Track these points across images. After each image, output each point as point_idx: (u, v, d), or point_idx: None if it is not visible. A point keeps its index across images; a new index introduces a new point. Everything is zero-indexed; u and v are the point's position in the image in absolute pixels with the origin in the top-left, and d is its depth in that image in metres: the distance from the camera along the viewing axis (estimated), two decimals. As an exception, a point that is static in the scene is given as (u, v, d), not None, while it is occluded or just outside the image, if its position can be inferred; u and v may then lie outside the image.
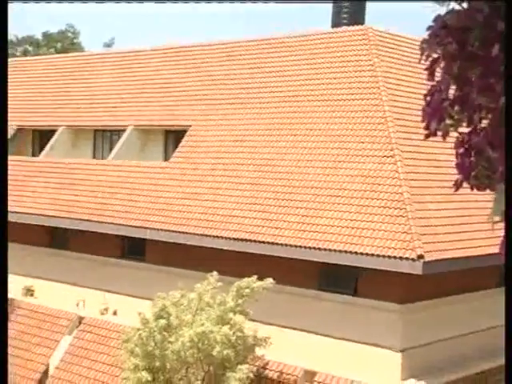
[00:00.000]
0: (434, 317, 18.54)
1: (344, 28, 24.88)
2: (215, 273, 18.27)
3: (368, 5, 26.93)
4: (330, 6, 26.92)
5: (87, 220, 23.59)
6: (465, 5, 2.60)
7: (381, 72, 21.80)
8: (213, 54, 27.54)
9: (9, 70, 35.94)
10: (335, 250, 17.93)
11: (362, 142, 20.11)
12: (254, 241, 19.47)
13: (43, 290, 25.41)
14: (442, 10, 2.69)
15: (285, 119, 22.68)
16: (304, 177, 20.29)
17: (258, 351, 18.16)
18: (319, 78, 23.24)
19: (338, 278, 19.19)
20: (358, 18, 25.91)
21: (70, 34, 70.84)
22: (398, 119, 20.27)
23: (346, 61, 23.03)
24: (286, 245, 18.79)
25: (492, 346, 17.22)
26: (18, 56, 56.03)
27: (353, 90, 21.93)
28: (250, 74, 25.41)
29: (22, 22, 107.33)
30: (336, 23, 25.99)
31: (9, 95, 34.15)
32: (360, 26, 24.58)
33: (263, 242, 19.26)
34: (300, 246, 18.52)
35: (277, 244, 18.99)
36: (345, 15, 26.00)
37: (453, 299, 18.80)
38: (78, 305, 23.96)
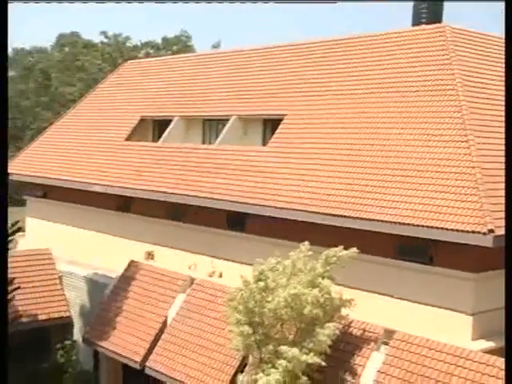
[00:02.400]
0: (502, 285, 17.87)
1: (423, 26, 24.42)
2: (307, 243, 18.16)
3: (445, 4, 26.18)
4: (410, 7, 26.45)
5: (198, 196, 23.89)
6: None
7: (456, 66, 21.22)
8: (305, 52, 27.51)
9: (132, 70, 36.84)
10: (414, 225, 17.64)
11: (439, 129, 19.73)
12: (343, 216, 19.30)
13: (162, 255, 25.96)
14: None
15: (369, 108, 22.33)
16: (387, 159, 20.00)
17: (343, 311, 17.96)
18: (400, 71, 22.86)
19: (416, 249, 18.76)
20: (436, 16, 25.41)
21: (183, 38, 71.85)
22: (472, 108, 19.71)
23: (425, 56, 22.60)
24: (371, 219, 18.58)
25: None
26: (141, 57, 57.06)
27: (430, 82, 21.49)
28: (338, 68, 25.20)
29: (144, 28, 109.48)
30: (416, 22, 25.61)
31: (135, 91, 35.47)
32: (438, 25, 24.11)
33: (351, 217, 19.08)
34: (383, 221, 18.30)
35: (362, 218, 18.80)
36: (424, 14, 25.53)
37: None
38: (190, 268, 24.40)
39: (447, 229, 16.96)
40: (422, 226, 17.47)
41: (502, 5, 11.75)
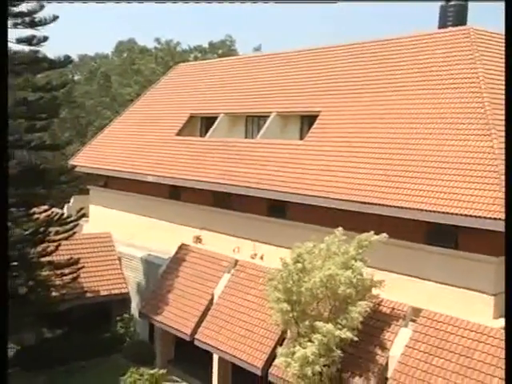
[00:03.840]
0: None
1: (450, 28, 23.88)
2: (340, 228, 18.00)
3: (470, 6, 25.53)
4: (437, 10, 25.88)
5: (242, 186, 23.85)
6: None
7: (480, 65, 20.75)
8: (338, 54, 27.22)
9: (182, 72, 36.90)
10: (441, 212, 17.34)
11: (464, 123, 19.33)
12: (374, 203, 19.05)
13: (209, 239, 26.00)
14: None
15: (399, 105, 21.98)
16: (417, 152, 19.64)
17: (374, 291, 17.75)
18: (429, 71, 22.42)
19: (442, 234, 18.40)
20: (461, 18, 24.85)
21: (228, 43, 71.73)
22: (494, 104, 19.20)
23: (451, 56, 22.18)
24: (400, 207, 18.30)
25: None
26: (190, 61, 57.18)
27: (456, 80, 21.07)
28: (370, 68, 24.81)
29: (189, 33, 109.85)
30: (442, 24, 25.05)
31: (184, 91, 35.53)
32: (463, 26, 23.66)
33: (382, 205, 18.81)
34: (412, 208, 18.01)
35: (392, 206, 18.53)
36: (450, 17, 24.91)
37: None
38: (234, 250, 24.37)
39: (471, 216, 16.65)
40: (448, 213, 17.16)
41: (502, 5, 11.10)
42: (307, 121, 25.20)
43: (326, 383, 17.15)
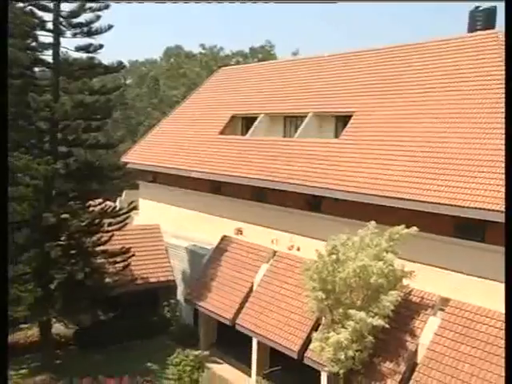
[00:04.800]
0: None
1: (478, 32, 23.40)
2: (373, 222, 17.93)
3: (499, 11, 24.91)
4: (466, 15, 25.35)
5: (280, 181, 23.85)
6: None
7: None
8: (371, 58, 26.93)
9: (225, 75, 37.01)
10: (469, 207, 17.11)
11: (489, 123, 18.99)
12: (405, 199, 18.86)
13: (249, 231, 26.08)
14: None
15: (429, 106, 21.69)
16: (445, 150, 19.35)
17: (405, 281, 17.60)
18: (456, 73, 22.00)
19: (470, 228, 18.10)
20: (490, 22, 24.23)
21: (267, 48, 71.59)
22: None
23: (480, 59, 21.72)
24: (430, 202, 18.08)
25: None
26: (232, 65, 57.30)
27: (483, 82, 20.63)
28: (401, 71, 24.53)
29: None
30: (472, 28, 24.53)
31: (227, 93, 35.56)
32: (491, 30, 23.15)
33: (412, 200, 18.62)
34: (441, 204, 17.78)
35: (423, 201, 18.33)
36: (478, 22, 24.38)
37: None
38: (272, 242, 24.37)
39: (496, 210, 16.34)
40: (475, 208, 16.89)
41: (502, 5, 10.66)
42: (342, 121, 25.04)
43: (358, 367, 17.10)
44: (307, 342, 19.21)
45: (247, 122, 30.39)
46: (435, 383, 15.72)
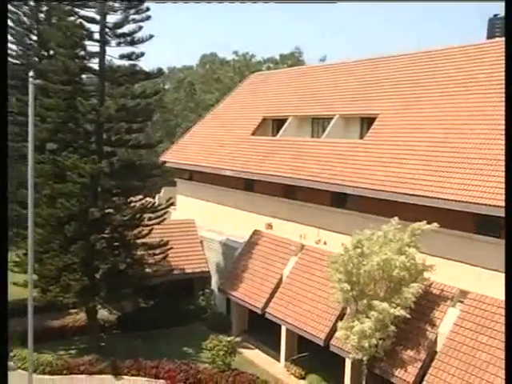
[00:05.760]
0: None
1: (497, 39, 22.99)
2: (396, 218, 17.84)
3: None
4: (485, 22, 24.94)
5: (308, 179, 23.89)
6: None
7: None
8: (395, 63, 26.73)
9: (257, 80, 37.13)
10: (486, 204, 16.86)
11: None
12: (426, 196, 18.72)
13: (278, 226, 26.20)
14: None
15: (449, 109, 21.48)
16: (465, 150, 19.15)
17: (426, 274, 17.48)
18: (475, 78, 21.69)
19: (489, 225, 17.85)
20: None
21: (296, 54, 71.43)
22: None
23: (497, 64, 21.24)
24: (450, 200, 17.90)
25: None
26: (263, 70, 57.36)
27: (502, 86, 20.15)
28: (422, 76, 24.31)
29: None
30: (490, 35, 24.19)
31: (258, 96, 35.67)
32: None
33: (433, 198, 18.45)
34: (460, 201, 17.59)
35: (443, 199, 18.16)
36: (497, 29, 24.01)
37: None
38: (301, 236, 24.44)
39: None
40: (492, 205, 16.64)
41: (502, 5, 10.29)
42: (366, 122, 24.95)
43: (380, 354, 17.09)
44: (333, 330, 19.26)
45: (277, 123, 30.49)
46: (454, 370, 15.64)
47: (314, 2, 52.13)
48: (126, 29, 22.02)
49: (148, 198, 25.77)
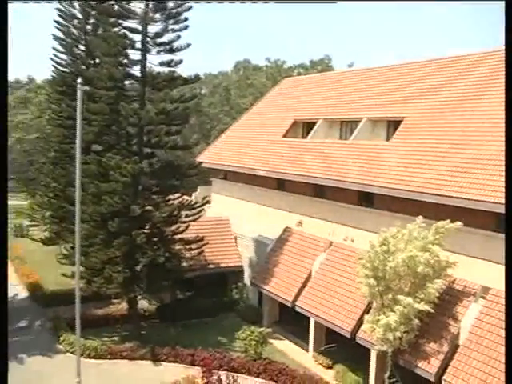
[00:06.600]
0: None
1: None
2: (420, 217, 17.81)
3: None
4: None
5: (337, 179, 23.86)
6: None
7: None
8: (420, 68, 26.42)
9: (288, 85, 37.20)
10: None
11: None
12: (450, 196, 18.53)
13: (308, 223, 26.27)
14: None
15: (471, 112, 21.12)
16: (489, 152, 18.79)
17: (449, 271, 17.36)
18: (496, 82, 21.26)
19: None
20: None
21: (326, 60, 71.19)
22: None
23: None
24: (474, 200, 17.67)
25: None
26: (294, 76, 57.38)
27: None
28: (447, 80, 23.98)
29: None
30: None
31: (289, 100, 35.62)
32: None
33: (457, 198, 18.25)
34: (483, 201, 17.33)
35: (466, 199, 17.93)
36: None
37: None
38: (329, 234, 24.46)
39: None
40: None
41: (502, 5, 9.93)
42: (393, 125, 24.76)
43: (404, 347, 17.06)
44: (359, 323, 19.31)
45: (307, 126, 30.52)
46: (475, 363, 15.53)
47: (314, 2, 50.42)
48: (165, 38, 22.50)
49: (185, 197, 26.15)
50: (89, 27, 29.02)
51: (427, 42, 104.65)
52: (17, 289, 30.23)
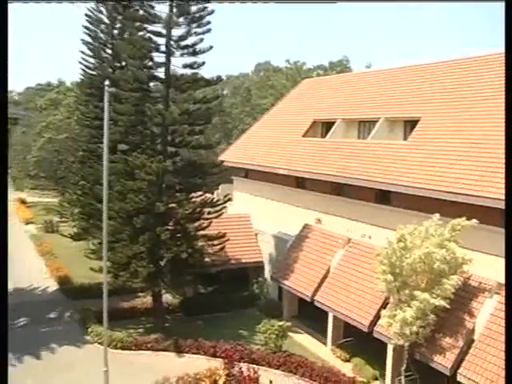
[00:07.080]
0: None
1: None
2: (437, 214, 17.72)
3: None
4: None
5: (355, 178, 23.86)
6: None
7: None
8: (434, 70, 26.24)
9: (307, 86, 37.17)
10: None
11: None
12: (467, 194, 18.42)
13: (327, 221, 26.29)
14: None
15: (487, 112, 20.90)
16: (502, 150, 18.49)
17: (465, 267, 17.25)
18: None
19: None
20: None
21: (344, 62, 70.97)
22: None
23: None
24: (491, 198, 17.50)
25: None
26: (313, 77, 57.25)
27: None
28: (462, 81, 23.74)
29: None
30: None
31: (309, 101, 35.66)
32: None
33: (475, 196, 18.13)
34: (498, 199, 17.09)
35: (482, 197, 17.80)
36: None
37: None
38: (348, 231, 24.45)
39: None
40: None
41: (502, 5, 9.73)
42: (410, 125, 24.63)
43: (421, 341, 17.01)
44: (376, 318, 19.30)
45: (326, 126, 30.51)
46: (490, 358, 15.42)
47: (314, 2, 49.61)
48: (188, 41, 22.67)
49: (207, 194, 26.28)
50: (115, 32, 29.44)
51: (427, 42, 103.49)
52: (47, 282, 30.93)
